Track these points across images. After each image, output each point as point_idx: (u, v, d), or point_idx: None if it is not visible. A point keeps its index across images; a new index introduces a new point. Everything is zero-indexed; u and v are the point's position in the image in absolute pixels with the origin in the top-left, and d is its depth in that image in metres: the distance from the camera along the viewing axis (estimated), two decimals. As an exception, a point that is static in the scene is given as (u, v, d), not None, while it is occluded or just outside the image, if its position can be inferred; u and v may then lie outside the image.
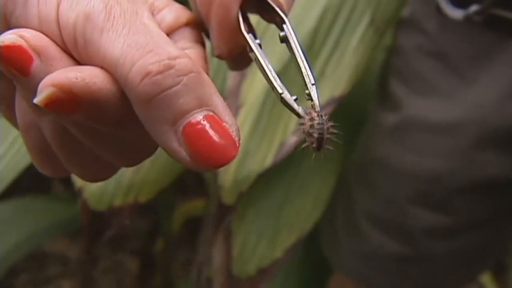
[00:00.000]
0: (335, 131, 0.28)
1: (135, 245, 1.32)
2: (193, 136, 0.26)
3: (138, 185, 0.64)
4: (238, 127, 0.28)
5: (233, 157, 0.27)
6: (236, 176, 0.66)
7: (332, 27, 0.70)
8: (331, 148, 0.28)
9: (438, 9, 0.65)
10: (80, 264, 1.25)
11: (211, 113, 0.27)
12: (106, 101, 0.26)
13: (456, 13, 0.62)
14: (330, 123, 0.28)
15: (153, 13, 0.31)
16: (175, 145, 0.27)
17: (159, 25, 0.30)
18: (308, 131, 0.28)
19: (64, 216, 0.94)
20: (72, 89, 0.25)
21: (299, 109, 0.29)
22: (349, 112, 0.80)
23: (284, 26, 0.33)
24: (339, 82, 0.67)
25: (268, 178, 0.75)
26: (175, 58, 0.26)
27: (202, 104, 0.26)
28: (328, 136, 0.28)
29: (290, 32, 0.33)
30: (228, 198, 0.69)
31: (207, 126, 0.26)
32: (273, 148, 0.67)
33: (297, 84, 0.32)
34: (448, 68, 0.65)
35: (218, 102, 0.27)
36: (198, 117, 0.26)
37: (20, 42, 0.26)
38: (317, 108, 0.29)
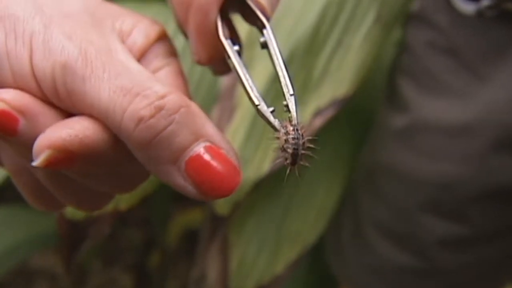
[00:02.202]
0: (311, 145, 0.29)
1: (129, 259, 1.32)
2: (196, 170, 0.28)
3: (118, 192, 0.63)
4: (235, 151, 0.30)
5: (238, 183, 0.29)
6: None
7: (335, 22, 0.70)
8: (306, 164, 0.29)
9: (449, 3, 0.64)
10: (69, 280, 1.25)
11: (208, 144, 0.29)
12: (101, 150, 0.28)
13: (467, 8, 0.62)
14: (306, 138, 0.29)
15: (123, 39, 0.32)
16: (180, 181, 0.29)
17: (131, 50, 0.32)
18: (283, 146, 0.29)
19: (52, 229, 0.93)
20: (68, 147, 0.27)
21: (275, 122, 0.30)
22: (355, 115, 0.80)
23: (265, 31, 0.34)
24: (342, 82, 0.67)
25: (268, 186, 0.74)
26: (163, 97, 0.28)
27: (198, 137, 0.29)
28: (303, 152, 0.29)
29: (270, 38, 0.33)
30: (221, 209, 0.68)
31: (208, 158, 0.29)
32: (270, 153, 0.67)
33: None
34: (460, 66, 0.64)
35: (212, 131, 0.29)
36: (198, 150, 0.28)
37: (2, 106, 0.28)
38: (294, 121, 0.29)
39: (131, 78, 0.28)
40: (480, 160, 0.64)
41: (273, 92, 0.63)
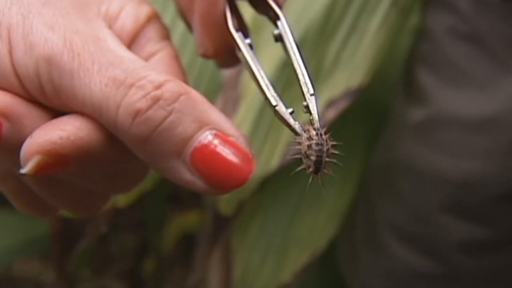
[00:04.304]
0: (335, 152, 0.28)
1: (121, 266, 1.31)
2: (203, 161, 0.28)
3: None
4: (246, 137, 0.29)
5: (251, 171, 0.29)
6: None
7: (349, 5, 0.70)
8: (330, 172, 0.29)
9: (472, -15, 0.65)
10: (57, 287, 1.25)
11: (214, 131, 0.28)
12: (96, 151, 0.28)
13: (492, -9, 0.62)
14: (331, 143, 0.28)
15: (110, 24, 0.32)
16: (187, 176, 0.28)
17: (120, 35, 0.31)
18: (305, 152, 0.28)
19: (38, 233, 0.94)
20: (59, 151, 0.27)
21: (296, 125, 0.29)
22: (369, 107, 0.80)
23: (279, 22, 0.33)
24: (356, 71, 0.67)
25: (275, 185, 0.74)
26: (159, 86, 0.27)
27: (201, 125, 0.28)
28: (327, 159, 0.28)
29: (285, 31, 0.33)
30: (225, 208, 0.68)
31: (215, 146, 0.28)
32: (279, 147, 0.67)
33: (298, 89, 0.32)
34: (484, 54, 0.65)
35: (217, 117, 0.29)
36: (202, 140, 0.28)
37: None
38: (316, 124, 0.29)
39: (123, 68, 0.28)
40: (505, 156, 0.65)
41: (282, 82, 0.63)
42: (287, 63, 0.64)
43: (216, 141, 0.28)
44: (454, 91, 0.67)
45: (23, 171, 0.27)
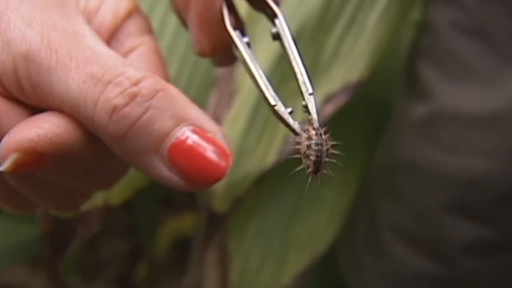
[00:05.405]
0: (335, 152, 0.30)
1: (113, 272, 1.31)
2: (181, 156, 0.29)
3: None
4: (223, 133, 0.31)
5: (228, 166, 0.30)
6: (229, 178, 0.66)
7: (348, -3, 0.70)
8: (330, 172, 0.30)
9: (476, -23, 0.65)
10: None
11: (191, 127, 0.29)
12: (74, 148, 0.29)
13: (497, -17, 0.63)
14: (330, 143, 0.30)
15: (89, 19, 0.33)
16: (165, 172, 0.29)
17: (99, 31, 0.32)
18: (304, 152, 0.30)
19: (25, 238, 0.93)
20: (37, 148, 0.28)
21: (295, 125, 0.30)
22: (370, 103, 0.80)
23: (277, 21, 0.34)
24: (355, 66, 0.68)
25: (272, 183, 0.75)
26: (137, 82, 0.28)
27: (179, 121, 0.29)
28: (327, 159, 0.30)
29: (283, 29, 0.34)
30: (219, 206, 0.68)
31: (192, 142, 0.29)
32: (276, 142, 0.67)
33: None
34: (488, 48, 0.65)
35: (195, 113, 0.30)
36: (180, 136, 0.29)
37: None
38: (316, 124, 0.30)
39: (101, 65, 0.29)
40: (510, 154, 0.65)
41: (277, 77, 0.64)
42: (283, 57, 0.64)
43: (193, 137, 0.29)
44: (458, 86, 0.67)
45: (0, 169, 0.28)
